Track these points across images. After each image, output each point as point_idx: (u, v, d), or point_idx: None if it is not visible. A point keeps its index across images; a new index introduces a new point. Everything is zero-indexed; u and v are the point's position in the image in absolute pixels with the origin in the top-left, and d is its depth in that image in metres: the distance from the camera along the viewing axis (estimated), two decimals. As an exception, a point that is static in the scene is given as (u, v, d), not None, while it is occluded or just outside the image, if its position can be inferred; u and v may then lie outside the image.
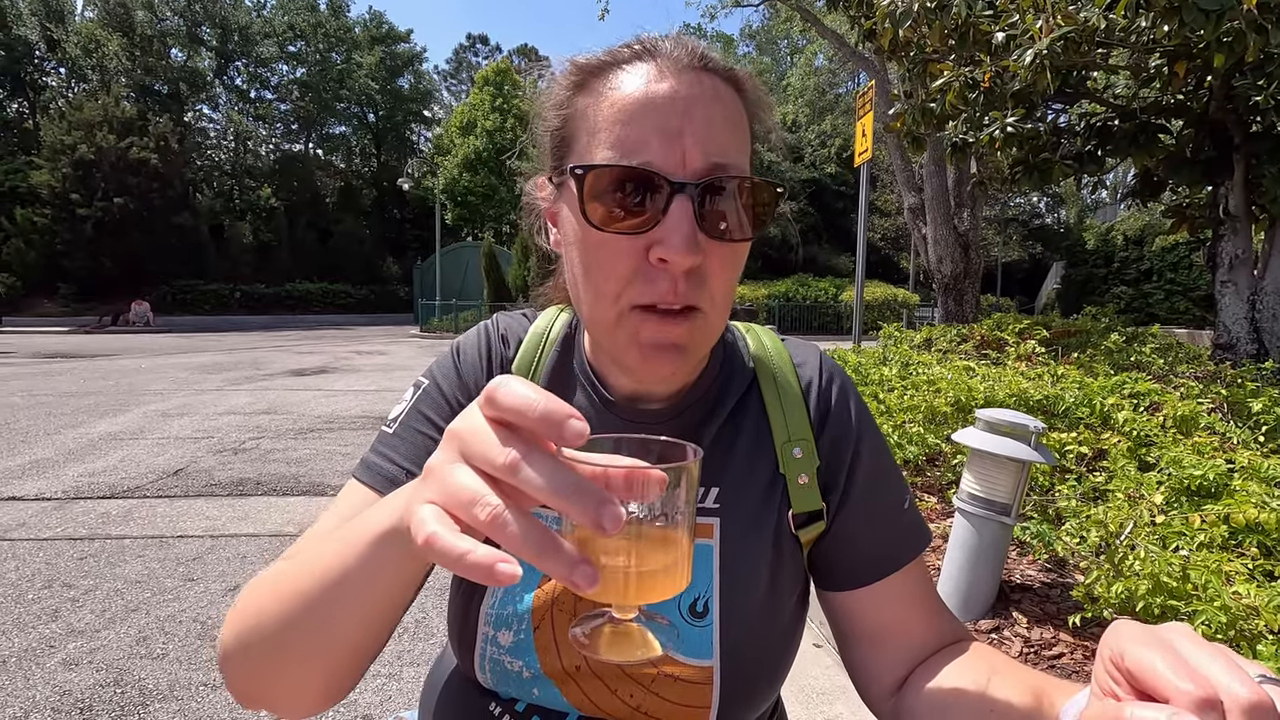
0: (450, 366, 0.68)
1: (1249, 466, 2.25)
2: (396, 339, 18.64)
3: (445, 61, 64.81)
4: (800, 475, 0.65)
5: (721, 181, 0.52)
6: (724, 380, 0.68)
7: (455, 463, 0.33)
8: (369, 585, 0.44)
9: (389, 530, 0.40)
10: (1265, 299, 4.17)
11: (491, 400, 0.33)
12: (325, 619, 0.46)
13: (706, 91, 0.53)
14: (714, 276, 0.54)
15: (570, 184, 0.53)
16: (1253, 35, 2.87)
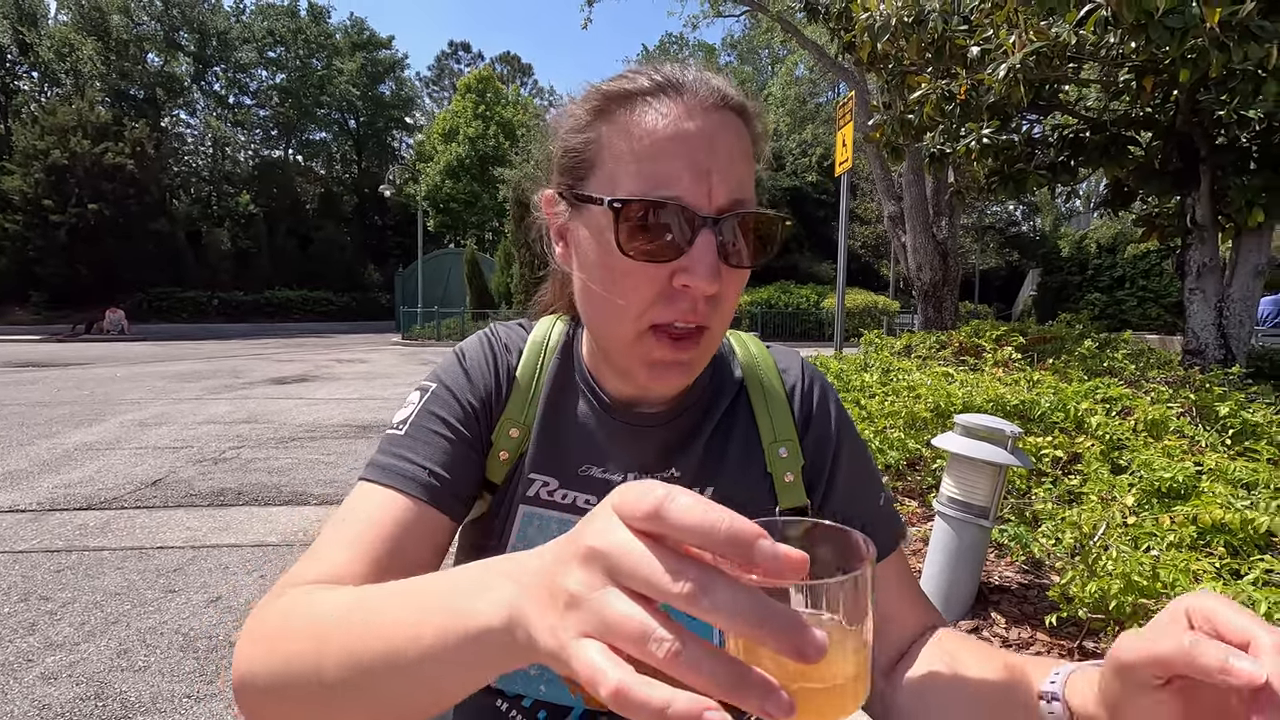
0: (458, 370, 0.70)
1: (1216, 469, 2.32)
2: (378, 347, 18.50)
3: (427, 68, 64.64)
4: (786, 474, 0.70)
5: (741, 216, 0.57)
6: (716, 387, 0.72)
7: (606, 588, 0.29)
8: (445, 676, 0.38)
9: (491, 630, 0.34)
10: (1231, 306, 4.30)
11: (659, 516, 0.28)
12: (381, 692, 0.41)
13: (729, 130, 0.58)
14: (726, 299, 0.60)
15: (595, 210, 0.57)
16: (1215, 52, 2.98)
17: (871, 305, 19.72)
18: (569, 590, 0.30)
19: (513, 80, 51.75)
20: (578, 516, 0.65)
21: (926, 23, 3.63)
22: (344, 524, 0.59)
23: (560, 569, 0.31)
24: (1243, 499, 1.95)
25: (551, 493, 0.67)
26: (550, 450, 0.68)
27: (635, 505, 0.29)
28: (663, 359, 0.59)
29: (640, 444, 0.69)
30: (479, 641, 0.35)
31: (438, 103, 51.79)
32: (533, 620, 0.31)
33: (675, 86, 0.58)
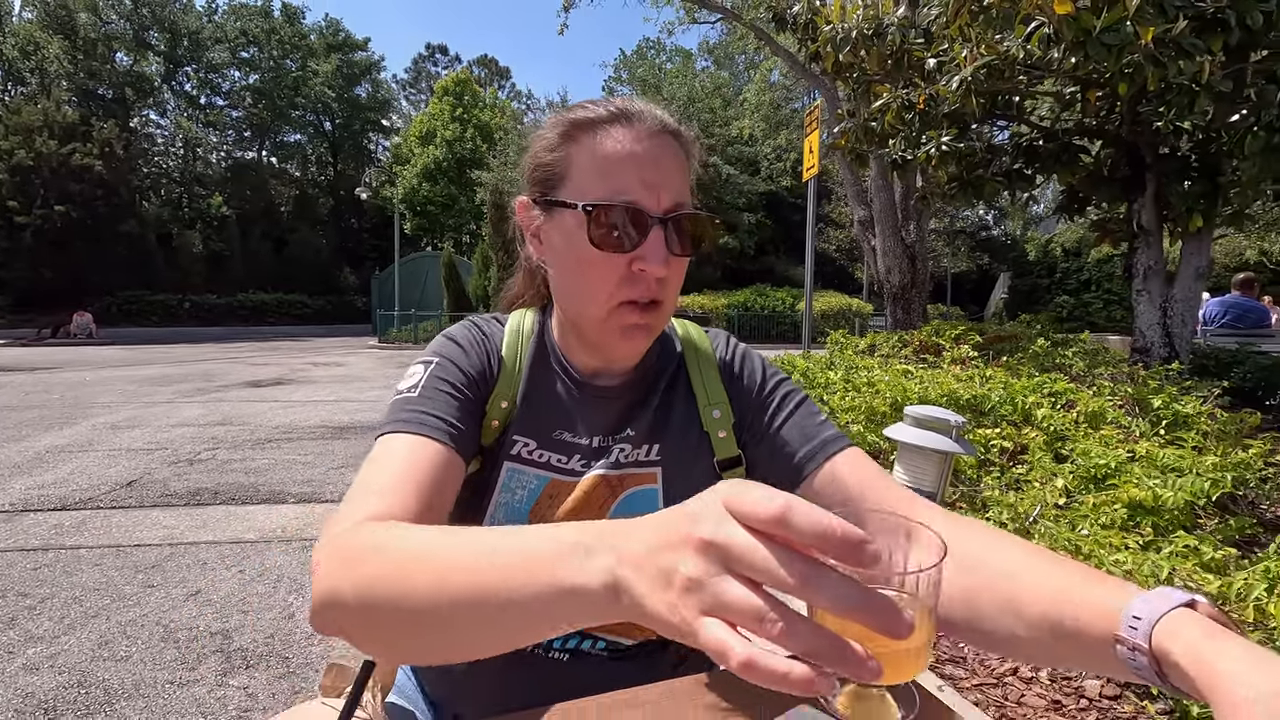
0: (455, 348, 0.81)
1: (1147, 456, 2.49)
2: (354, 350, 18.37)
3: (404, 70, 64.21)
4: (719, 431, 0.84)
5: (682, 216, 0.73)
6: (661, 361, 0.87)
7: (723, 576, 0.33)
8: (531, 621, 0.43)
9: (590, 591, 0.39)
10: (1175, 306, 4.52)
11: (784, 522, 0.32)
12: (463, 624, 0.45)
13: (669, 149, 0.74)
14: (673, 281, 0.75)
15: (566, 214, 0.73)
16: (1151, 67, 3.17)
17: (845, 308, 20.02)
18: (686, 574, 0.34)
19: (490, 83, 51.64)
20: (549, 472, 0.79)
21: (886, 35, 3.80)
22: (382, 468, 0.66)
23: (672, 554, 0.35)
24: (1160, 481, 2.11)
25: (531, 452, 0.80)
26: (531, 417, 0.81)
27: (757, 509, 0.33)
28: (634, 323, 0.74)
29: (603, 411, 0.83)
30: (576, 598, 0.39)
31: (415, 105, 51.49)
32: (643, 593, 0.36)
33: (626, 116, 0.74)
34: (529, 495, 0.78)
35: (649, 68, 29.47)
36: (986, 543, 0.62)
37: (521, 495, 0.78)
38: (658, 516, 0.39)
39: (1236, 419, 2.86)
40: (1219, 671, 0.40)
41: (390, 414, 0.72)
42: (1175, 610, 0.45)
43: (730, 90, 27.15)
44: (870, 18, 3.98)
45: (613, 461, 0.80)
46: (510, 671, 0.78)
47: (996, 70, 3.60)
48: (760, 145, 23.73)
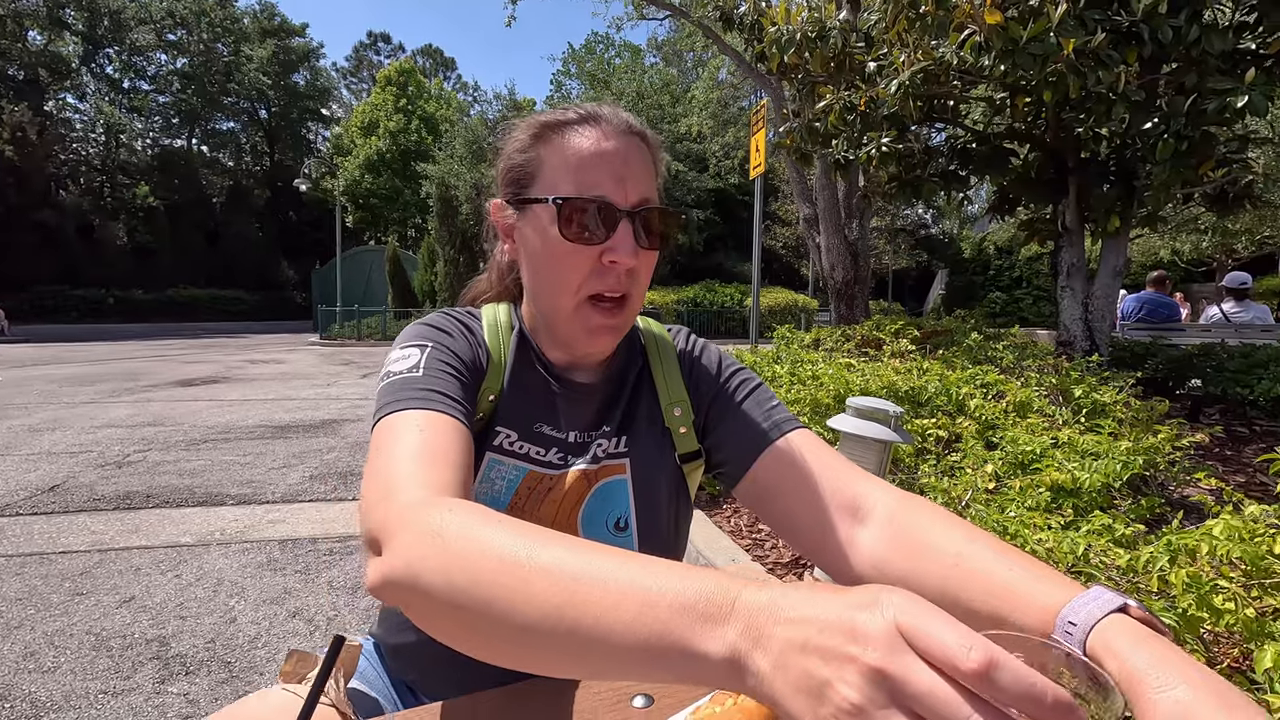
0: (444, 335, 0.81)
1: (1068, 442, 2.65)
2: (295, 347, 17.77)
3: (344, 59, 62.15)
4: (680, 427, 0.88)
5: (649, 210, 0.76)
6: (628, 358, 0.91)
7: (889, 709, 0.31)
8: (632, 664, 0.40)
9: (709, 660, 0.37)
10: (1095, 302, 4.80)
11: (990, 678, 0.30)
12: (556, 649, 0.43)
13: (635, 149, 0.77)
14: (641, 274, 0.78)
15: (538, 209, 0.76)
16: (1072, 76, 3.36)
17: (792, 303, 20.44)
18: (848, 699, 0.32)
19: (436, 74, 50.56)
20: (528, 464, 0.81)
21: (829, 38, 3.92)
22: (414, 442, 0.63)
23: (827, 667, 0.33)
24: (1079, 465, 2.26)
25: (512, 443, 0.81)
26: (514, 409, 0.83)
27: (954, 657, 0.31)
28: (599, 324, 0.78)
29: (580, 408, 0.86)
30: (687, 660, 0.37)
31: (356, 95, 50.00)
32: (781, 690, 0.34)
33: (595, 118, 0.77)
34: (508, 486, 0.80)
35: (598, 63, 29.36)
36: (933, 525, 0.65)
37: (501, 486, 0.80)
38: (811, 608, 0.35)
39: (1148, 407, 3.07)
40: (1143, 681, 0.43)
41: (393, 394, 0.70)
42: (1108, 617, 0.48)
43: (679, 87, 27.29)
44: (814, 20, 4.08)
45: (591, 457, 0.83)
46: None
47: (932, 75, 3.75)
48: (709, 143, 23.94)
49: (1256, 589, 1.50)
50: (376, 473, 0.61)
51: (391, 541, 0.52)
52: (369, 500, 0.58)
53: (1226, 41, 3.54)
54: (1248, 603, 1.38)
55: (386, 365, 0.75)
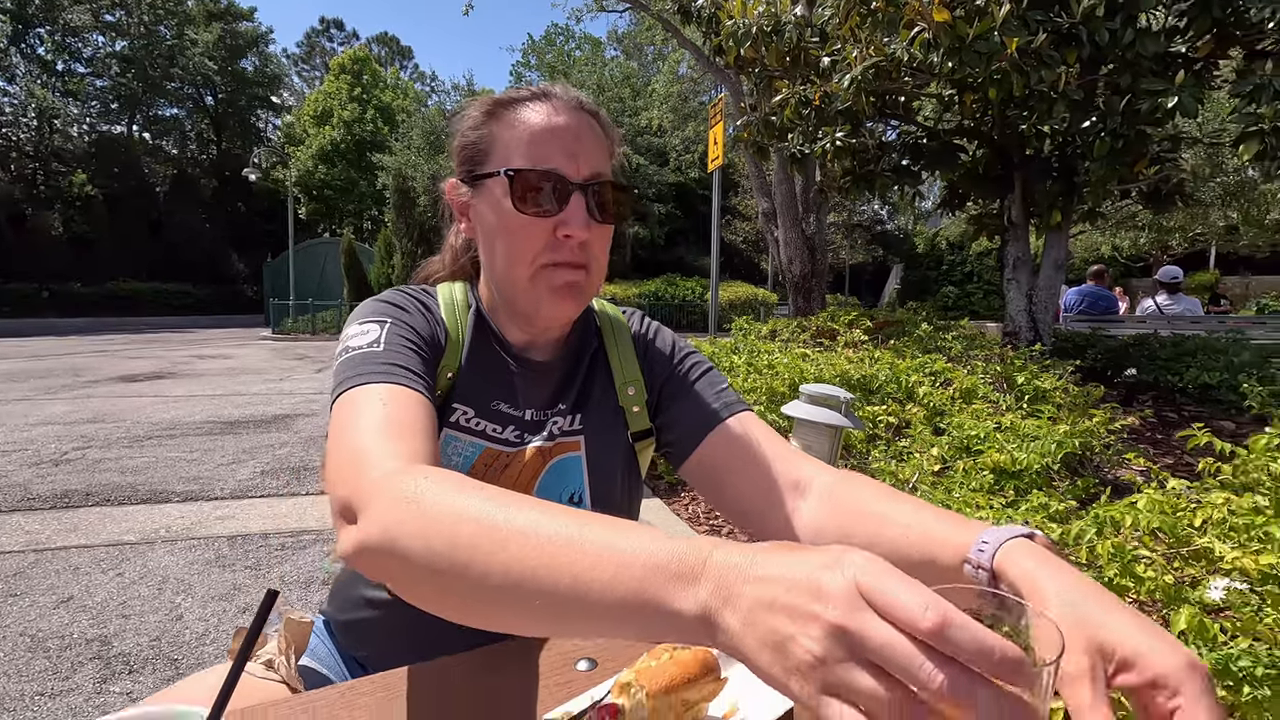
0: (402, 311, 0.81)
1: (1011, 426, 2.76)
2: (245, 342, 17.23)
3: (296, 45, 60.28)
4: (634, 406, 0.90)
5: (601, 183, 0.77)
6: (583, 338, 0.92)
7: (850, 661, 0.33)
8: (606, 623, 0.42)
9: (682, 617, 0.39)
10: (1039, 294, 4.99)
11: (943, 635, 0.31)
12: (533, 610, 0.44)
13: (587, 125, 0.79)
14: (596, 247, 0.79)
15: (492, 184, 0.77)
16: (1016, 75, 3.48)
17: (752, 297, 20.66)
18: (810, 651, 0.33)
19: (392, 63, 49.47)
20: (485, 441, 0.81)
21: (784, 33, 3.97)
22: (380, 414, 0.63)
23: (792, 624, 0.34)
24: (1018, 447, 2.36)
25: (468, 420, 0.82)
26: (471, 386, 0.83)
27: (910, 614, 0.32)
28: (562, 283, 0.78)
29: (537, 387, 0.87)
30: (664, 618, 0.39)
31: (308, 82, 48.61)
32: (749, 646, 0.36)
33: (546, 94, 0.79)
34: (464, 463, 0.80)
35: (558, 54, 29.11)
36: (863, 492, 0.71)
37: (457, 462, 0.80)
38: (778, 567, 0.37)
39: (1084, 392, 3.22)
40: (1040, 588, 0.48)
41: (354, 368, 0.69)
42: (1016, 539, 0.54)
43: (639, 80, 27.25)
44: (769, 15, 4.13)
45: (547, 435, 0.85)
46: (413, 624, 0.80)
47: (884, 71, 3.83)
48: (669, 137, 24.00)
49: (1177, 559, 1.60)
50: (343, 445, 0.61)
51: (367, 509, 0.52)
52: (338, 471, 0.59)
53: (1159, 45, 3.71)
54: (1167, 570, 1.47)
55: (344, 341, 0.74)
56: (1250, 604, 1.33)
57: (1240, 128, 3.59)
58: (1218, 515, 1.48)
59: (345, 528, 0.54)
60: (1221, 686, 1.26)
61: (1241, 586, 1.31)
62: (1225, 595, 1.30)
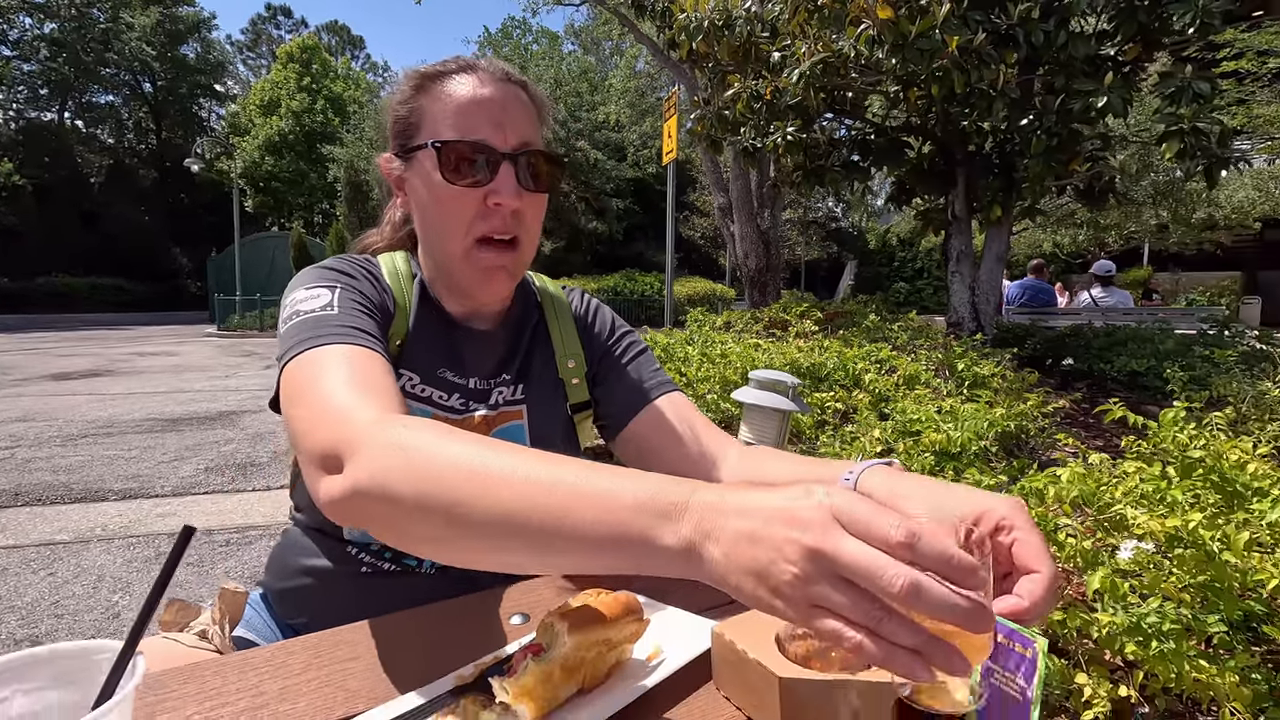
0: (349, 278, 0.81)
1: (951, 410, 2.87)
2: (188, 339, 16.62)
3: (241, 32, 58.17)
4: (573, 379, 0.93)
5: (530, 153, 0.79)
6: (524, 310, 0.95)
7: (822, 581, 0.37)
8: (592, 556, 0.44)
9: (667, 550, 0.41)
10: (981, 286, 5.17)
11: (912, 547, 0.36)
12: (516, 545, 0.47)
13: (514, 95, 0.81)
14: (528, 216, 0.81)
15: (422, 157, 0.78)
16: (957, 73, 3.60)
17: (710, 292, 20.81)
18: (791, 573, 0.37)
19: (342, 52, 48.20)
20: (429, 407, 0.83)
21: (735, 27, 4.03)
22: (345, 372, 0.64)
23: (770, 552, 0.37)
24: (954, 428, 2.46)
25: (414, 386, 0.83)
26: (418, 353, 0.84)
27: (883, 532, 0.36)
28: (491, 264, 0.80)
29: (482, 355, 0.89)
30: (650, 552, 0.42)
31: (255, 71, 47.00)
32: (731, 575, 0.39)
33: (472, 66, 0.81)
34: None
35: (515, 47, 28.78)
36: (767, 459, 0.81)
37: None
38: (756, 504, 0.40)
39: (1020, 378, 3.36)
40: (895, 492, 0.59)
41: (309, 330, 0.69)
42: (876, 465, 0.63)
43: (597, 75, 27.15)
44: (721, 10, 4.19)
45: (491, 404, 0.87)
46: (350, 589, 0.81)
47: (832, 67, 3.92)
48: (627, 132, 23.99)
49: (1100, 530, 1.69)
50: (314, 400, 0.61)
51: (356, 455, 0.53)
52: (313, 423, 0.59)
53: (1089, 47, 3.89)
54: (1087, 537, 1.56)
55: (292, 305, 0.73)
56: (1156, 564, 1.43)
57: (1163, 128, 3.80)
58: (1131, 484, 1.57)
59: (326, 476, 0.56)
60: (1132, 643, 1.35)
61: (1149, 548, 1.41)
62: (1134, 556, 1.39)
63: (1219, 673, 1.27)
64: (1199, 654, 1.32)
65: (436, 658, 0.62)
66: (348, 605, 0.79)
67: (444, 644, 0.66)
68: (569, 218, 22.89)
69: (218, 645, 0.76)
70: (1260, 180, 11.04)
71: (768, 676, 0.51)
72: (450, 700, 0.53)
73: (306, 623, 0.86)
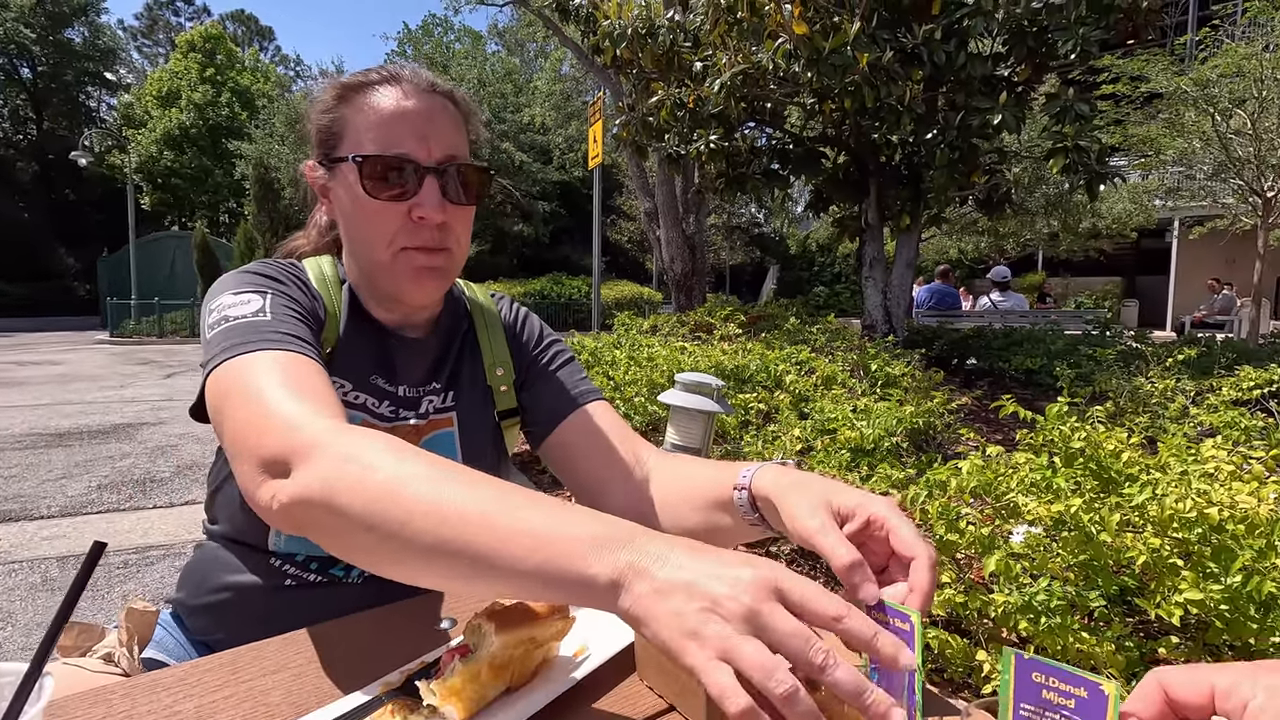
0: (278, 283, 0.78)
1: (865, 409, 3.02)
2: (77, 346, 15.35)
3: (134, 17, 54.23)
4: (501, 385, 0.94)
5: (455, 165, 0.79)
6: (454, 319, 0.94)
7: (746, 636, 0.38)
8: (520, 585, 0.46)
9: (594, 583, 0.43)
10: (893, 291, 5.45)
11: (840, 625, 0.40)
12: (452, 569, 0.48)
13: (439, 106, 0.80)
14: (456, 228, 0.81)
15: (345, 169, 0.77)
16: (867, 88, 3.79)
17: (637, 295, 20.98)
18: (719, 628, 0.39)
19: (250, 43, 45.74)
20: (361, 413, 0.82)
21: (658, 36, 4.10)
22: (282, 378, 0.63)
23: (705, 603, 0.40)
24: (865, 424, 2.59)
25: (346, 394, 0.82)
26: (349, 360, 0.83)
27: (819, 608, 0.40)
28: (422, 265, 0.79)
29: (413, 364, 0.88)
30: (577, 584, 0.44)
31: (151, 60, 43.97)
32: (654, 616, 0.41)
33: (396, 77, 0.80)
34: None
35: (436, 45, 28.13)
36: (675, 461, 0.87)
37: None
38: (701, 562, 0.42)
39: (927, 377, 3.57)
40: (781, 485, 0.63)
41: (240, 336, 0.67)
42: (769, 465, 0.68)
43: (521, 77, 26.89)
44: (644, 18, 4.25)
45: (421, 412, 0.87)
46: (273, 602, 0.80)
47: (752, 78, 4.05)
48: (553, 135, 23.89)
49: (998, 518, 1.83)
50: (254, 406, 0.60)
51: (307, 464, 0.54)
52: (256, 428, 0.59)
53: (986, 68, 4.18)
54: (985, 524, 1.68)
55: (220, 311, 0.71)
56: (1045, 546, 1.56)
57: (1051, 144, 4.12)
58: (1023, 474, 1.71)
59: (270, 481, 0.56)
60: (1025, 619, 1.47)
61: (1038, 531, 1.53)
62: (1025, 540, 1.51)
63: (1098, 643, 1.40)
64: (1082, 627, 1.45)
65: (362, 667, 0.62)
66: (269, 619, 0.78)
67: (370, 653, 0.66)
68: (495, 220, 22.55)
69: (125, 668, 0.73)
70: (1135, 194, 12.10)
71: (688, 664, 0.54)
72: (377, 706, 0.53)
73: (223, 639, 0.83)
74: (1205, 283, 13.83)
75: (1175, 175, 10.71)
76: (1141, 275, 20.33)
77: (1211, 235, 12.50)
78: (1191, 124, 8.36)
